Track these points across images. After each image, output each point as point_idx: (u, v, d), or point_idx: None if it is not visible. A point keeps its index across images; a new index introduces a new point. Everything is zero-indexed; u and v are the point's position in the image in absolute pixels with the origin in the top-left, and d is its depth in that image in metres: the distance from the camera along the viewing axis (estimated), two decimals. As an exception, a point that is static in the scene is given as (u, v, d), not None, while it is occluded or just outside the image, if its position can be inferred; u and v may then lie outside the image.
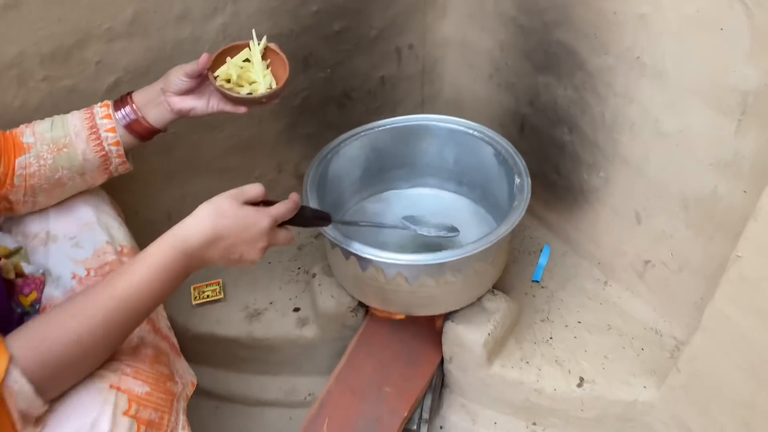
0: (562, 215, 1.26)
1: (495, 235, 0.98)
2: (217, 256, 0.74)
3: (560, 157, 1.20)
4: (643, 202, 1.07)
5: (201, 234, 0.72)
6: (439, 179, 1.29)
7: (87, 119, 0.90)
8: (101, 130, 0.90)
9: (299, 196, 0.81)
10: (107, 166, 0.92)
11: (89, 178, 0.91)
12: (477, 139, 1.16)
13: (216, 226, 0.72)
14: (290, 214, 0.78)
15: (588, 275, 1.23)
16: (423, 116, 1.21)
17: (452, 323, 1.08)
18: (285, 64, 0.96)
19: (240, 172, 1.29)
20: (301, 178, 1.36)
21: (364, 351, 1.13)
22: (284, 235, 0.79)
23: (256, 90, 0.95)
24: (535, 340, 1.14)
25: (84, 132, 0.89)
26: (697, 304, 1.05)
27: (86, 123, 0.89)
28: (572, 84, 1.10)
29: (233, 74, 0.93)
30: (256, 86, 0.95)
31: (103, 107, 0.91)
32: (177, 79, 0.90)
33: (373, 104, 1.38)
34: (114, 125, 0.90)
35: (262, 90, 0.94)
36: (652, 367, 1.07)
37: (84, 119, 0.90)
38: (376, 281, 1.03)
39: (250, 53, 0.96)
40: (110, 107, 0.91)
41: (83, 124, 0.89)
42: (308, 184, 1.09)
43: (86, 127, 0.89)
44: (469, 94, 1.39)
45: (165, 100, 0.92)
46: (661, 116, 0.97)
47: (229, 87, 0.93)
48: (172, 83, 0.91)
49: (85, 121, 0.89)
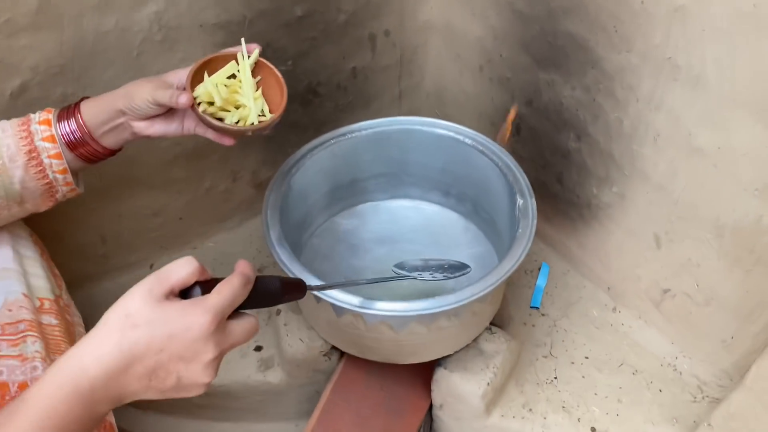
0: (564, 231, 1.10)
1: (498, 274, 0.81)
2: (138, 387, 0.51)
3: (564, 166, 1.03)
4: (665, 225, 0.91)
5: (104, 360, 0.49)
6: (422, 189, 1.11)
7: (23, 139, 0.70)
8: (43, 155, 0.71)
9: (250, 267, 0.55)
10: (53, 194, 0.74)
11: (30, 206, 0.74)
12: (470, 147, 0.98)
13: (125, 344, 0.49)
14: (241, 297, 0.53)
15: (593, 299, 1.08)
16: (405, 119, 1.02)
17: (445, 370, 0.92)
18: (280, 83, 0.79)
19: (187, 185, 1.09)
20: (260, 187, 1.17)
21: (340, 402, 0.96)
22: (241, 330, 0.54)
23: (245, 117, 0.77)
24: (537, 380, 0.99)
25: (21, 157, 0.70)
26: (726, 342, 0.91)
27: (22, 145, 0.70)
28: (582, 84, 0.93)
29: (217, 97, 0.74)
30: (244, 112, 0.77)
31: (43, 123, 0.72)
32: (143, 103, 0.72)
33: (343, 100, 1.18)
34: (59, 150, 0.72)
35: (252, 118, 0.76)
36: (674, 414, 0.93)
37: (19, 139, 0.70)
38: (354, 329, 0.85)
39: (236, 67, 0.78)
40: (52, 121, 0.72)
41: (18, 146, 0.70)
42: (268, 208, 0.90)
43: (23, 151, 0.70)
44: (455, 88, 1.20)
45: (126, 122, 0.74)
46: (695, 129, 0.81)
47: (212, 112, 0.75)
48: (136, 107, 0.72)
49: (20, 141, 0.70)
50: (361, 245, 1.07)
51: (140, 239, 1.11)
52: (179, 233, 1.15)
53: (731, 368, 0.93)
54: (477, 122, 1.16)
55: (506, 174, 0.93)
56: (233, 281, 0.53)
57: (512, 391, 0.97)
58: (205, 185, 1.11)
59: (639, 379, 0.98)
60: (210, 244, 1.19)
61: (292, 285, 0.61)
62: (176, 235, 1.15)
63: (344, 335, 0.89)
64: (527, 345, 1.02)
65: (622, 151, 0.92)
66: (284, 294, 0.59)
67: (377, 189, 1.11)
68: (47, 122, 0.72)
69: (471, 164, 1.00)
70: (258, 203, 1.21)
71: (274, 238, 0.86)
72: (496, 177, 0.96)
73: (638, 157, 0.90)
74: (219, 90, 0.75)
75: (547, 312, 1.07)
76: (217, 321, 0.51)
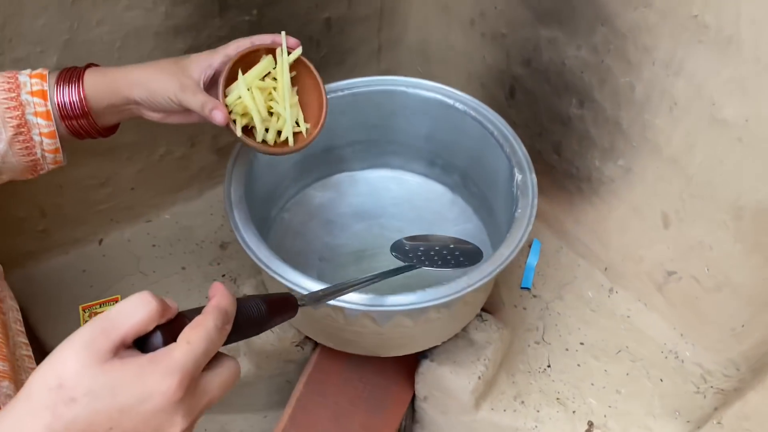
0: (559, 205, 1.00)
1: (496, 262, 0.71)
2: None
3: (563, 134, 0.93)
4: (675, 203, 0.83)
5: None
6: (404, 159, 1.00)
7: (11, 110, 0.59)
8: (33, 131, 0.60)
9: (229, 297, 0.42)
10: (36, 170, 0.65)
11: (5, 178, 0.64)
12: (460, 112, 0.87)
13: (58, 427, 0.35)
14: (217, 343, 0.40)
15: (589, 279, 1.00)
16: (387, 79, 0.90)
17: (431, 363, 0.83)
18: (318, 87, 0.72)
19: (138, 151, 0.96)
20: (221, 152, 1.04)
21: (316, 396, 0.87)
22: (219, 383, 0.40)
23: (278, 127, 0.70)
24: (529, 369, 0.91)
25: (6, 131, 0.59)
26: (735, 331, 0.84)
27: (9, 117, 0.59)
28: (590, 43, 0.82)
29: (256, 114, 0.67)
30: (278, 122, 0.70)
31: (37, 95, 0.60)
32: (165, 101, 0.63)
33: (315, 54, 1.05)
34: (53, 129, 0.61)
35: (287, 132, 0.69)
36: (676, 406, 0.86)
37: (5, 109, 0.59)
38: (332, 321, 0.75)
39: (272, 65, 0.69)
40: (48, 90, 0.61)
41: (3, 118, 0.58)
42: (231, 181, 0.78)
43: (10, 125, 0.59)
44: (441, 43, 1.08)
45: (136, 109, 0.65)
46: (719, 98, 0.71)
47: (246, 122, 0.68)
48: (155, 103, 0.63)
49: (6, 112, 0.58)
50: (336, 220, 0.97)
51: (86, 212, 0.98)
52: (131, 205, 1.02)
53: (738, 358, 0.86)
54: (466, 83, 1.04)
55: (502, 145, 0.83)
56: (207, 323, 0.39)
57: (503, 381, 0.89)
58: (159, 151, 0.98)
59: (638, 368, 0.90)
60: (166, 217, 1.06)
61: (279, 304, 0.48)
62: (128, 207, 1.02)
63: (320, 327, 0.79)
64: (518, 330, 0.94)
65: (632, 120, 0.82)
66: (271, 318, 0.46)
67: (354, 158, 0.99)
68: (42, 94, 0.60)
69: (461, 132, 0.89)
70: (220, 170, 1.08)
71: (238, 217, 0.75)
72: (491, 147, 0.85)
73: (650, 127, 0.80)
74: (257, 102, 0.67)
75: (538, 293, 0.99)
76: (186, 383, 0.37)
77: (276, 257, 0.70)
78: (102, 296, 0.96)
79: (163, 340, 0.39)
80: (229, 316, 0.41)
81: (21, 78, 0.60)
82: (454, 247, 0.73)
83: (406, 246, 0.73)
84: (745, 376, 0.85)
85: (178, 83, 0.63)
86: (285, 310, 0.48)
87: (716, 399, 0.86)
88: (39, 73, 0.61)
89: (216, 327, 0.40)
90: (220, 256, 1.02)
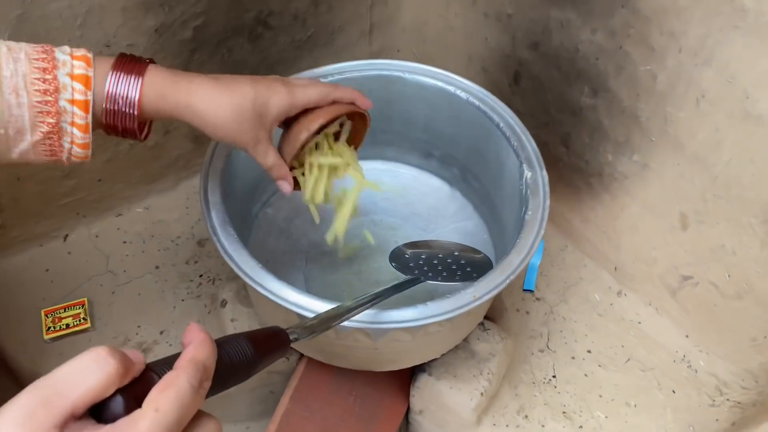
0: (565, 201, 0.93)
1: (505, 271, 0.64)
2: None
3: (573, 126, 0.85)
4: (696, 203, 0.76)
5: None
6: (399, 150, 0.92)
7: (44, 114, 0.50)
8: (65, 140, 0.52)
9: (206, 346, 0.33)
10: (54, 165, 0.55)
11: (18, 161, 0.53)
12: (463, 101, 0.79)
13: None
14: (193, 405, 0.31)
15: (596, 281, 0.93)
16: (382, 63, 0.82)
17: (429, 377, 0.76)
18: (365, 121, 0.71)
19: (105, 138, 0.86)
20: (199, 141, 0.96)
21: (302, 410, 0.79)
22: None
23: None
24: (533, 380, 0.84)
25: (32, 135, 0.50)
26: (756, 341, 0.78)
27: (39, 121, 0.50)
28: (607, 26, 0.74)
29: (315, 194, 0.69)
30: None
31: (78, 79, 0.51)
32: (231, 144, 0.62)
33: (301, 34, 0.96)
34: (88, 141, 0.53)
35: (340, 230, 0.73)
36: (690, 420, 0.81)
37: (37, 113, 0.50)
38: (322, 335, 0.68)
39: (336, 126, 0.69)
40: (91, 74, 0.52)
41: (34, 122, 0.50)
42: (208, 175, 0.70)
43: (40, 129, 0.50)
44: (439, 23, 0.99)
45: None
46: (755, 91, 0.64)
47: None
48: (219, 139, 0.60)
49: (38, 116, 0.50)
50: (324, 217, 0.88)
51: (49, 206, 0.89)
52: (100, 198, 0.93)
53: (758, 369, 0.80)
54: (465, 67, 0.96)
55: (509, 137, 0.75)
56: (180, 383, 0.31)
57: (505, 393, 0.82)
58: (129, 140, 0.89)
59: (649, 378, 0.84)
60: (139, 210, 0.97)
61: (268, 342, 0.40)
62: (96, 200, 0.93)
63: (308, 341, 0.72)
64: (521, 337, 0.87)
65: (651, 113, 0.75)
66: (259, 360, 0.38)
67: (344, 148, 0.91)
68: (85, 81, 0.51)
69: (463, 122, 0.81)
70: (197, 159, 1.00)
71: (216, 219, 0.66)
72: (495, 140, 0.77)
73: (672, 120, 0.73)
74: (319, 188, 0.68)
75: (542, 296, 0.92)
76: None
77: (260, 266, 0.62)
78: (66, 299, 0.87)
79: (125, 407, 0.31)
80: (209, 371, 0.33)
81: (59, 56, 0.50)
82: (460, 255, 0.66)
83: (406, 254, 0.65)
84: (764, 389, 0.79)
85: (254, 138, 0.59)
86: (275, 349, 0.40)
87: (733, 413, 0.80)
88: (83, 56, 0.51)
89: (191, 387, 0.31)
90: (198, 253, 0.94)
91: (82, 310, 0.86)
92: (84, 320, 0.85)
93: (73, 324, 0.85)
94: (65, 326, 0.85)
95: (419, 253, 0.65)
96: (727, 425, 0.79)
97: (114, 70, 0.53)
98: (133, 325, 0.86)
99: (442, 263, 0.64)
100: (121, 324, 0.86)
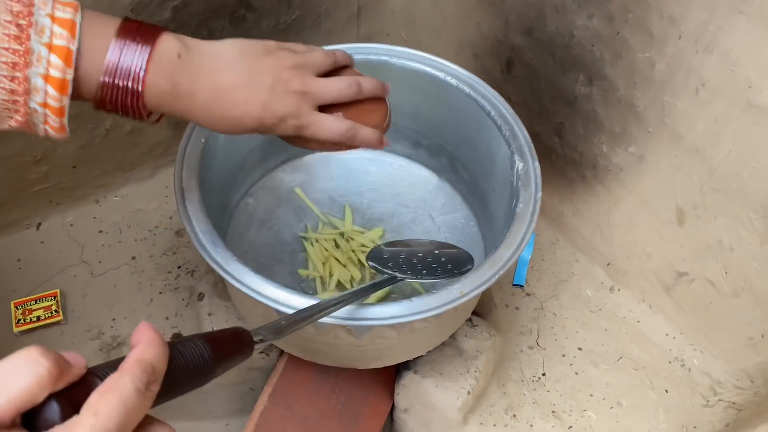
0: (557, 193, 0.90)
1: (495, 266, 0.61)
2: None
3: (567, 115, 0.82)
4: (694, 197, 0.73)
5: None
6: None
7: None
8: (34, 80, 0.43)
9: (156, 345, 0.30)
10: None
11: None
12: (453, 88, 0.76)
13: None
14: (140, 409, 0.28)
15: (588, 276, 0.90)
16: (369, 47, 0.78)
17: (415, 375, 0.74)
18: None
19: (79, 123, 0.83)
20: (178, 127, 0.92)
21: (282, 409, 0.76)
22: None
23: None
24: (522, 378, 0.82)
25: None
26: (753, 340, 0.75)
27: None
28: (604, 11, 0.71)
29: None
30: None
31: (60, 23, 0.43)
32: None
33: (286, 17, 0.92)
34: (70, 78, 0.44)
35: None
36: (683, 420, 0.78)
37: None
38: (301, 330, 0.65)
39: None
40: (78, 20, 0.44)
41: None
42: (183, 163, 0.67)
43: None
44: (429, 7, 0.95)
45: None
46: (759, 80, 0.61)
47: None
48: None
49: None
50: (308, 208, 0.85)
51: (20, 193, 0.85)
52: (74, 185, 0.89)
53: (754, 369, 0.78)
54: (456, 53, 0.93)
55: (501, 127, 0.72)
56: (123, 386, 0.28)
57: (493, 392, 0.79)
58: (105, 125, 0.85)
59: (641, 377, 0.82)
60: (115, 199, 0.93)
61: (229, 343, 0.36)
62: (70, 188, 0.89)
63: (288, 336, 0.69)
64: (510, 333, 0.85)
65: (649, 102, 0.72)
66: (218, 364, 0.34)
67: (330, 135, 0.87)
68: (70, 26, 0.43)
69: (453, 110, 0.78)
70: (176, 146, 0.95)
71: (190, 207, 0.63)
72: (486, 129, 0.74)
73: (670, 110, 0.70)
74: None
75: (532, 291, 0.89)
76: None
77: (235, 258, 0.59)
78: (38, 290, 0.83)
79: (60, 413, 0.27)
80: (157, 373, 0.30)
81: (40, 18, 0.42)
82: (439, 253, 0.63)
83: (384, 254, 0.62)
84: (760, 389, 0.77)
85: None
86: (236, 351, 0.37)
87: (728, 414, 0.78)
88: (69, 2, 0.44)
89: (136, 390, 0.28)
90: (176, 244, 0.90)
91: (54, 302, 0.82)
92: (56, 312, 0.82)
93: (45, 316, 0.81)
94: (36, 319, 0.81)
95: (398, 251, 0.62)
96: (721, 426, 0.77)
97: (119, 37, 0.46)
98: (108, 318, 0.83)
99: (422, 261, 0.61)
100: (95, 317, 0.83)
